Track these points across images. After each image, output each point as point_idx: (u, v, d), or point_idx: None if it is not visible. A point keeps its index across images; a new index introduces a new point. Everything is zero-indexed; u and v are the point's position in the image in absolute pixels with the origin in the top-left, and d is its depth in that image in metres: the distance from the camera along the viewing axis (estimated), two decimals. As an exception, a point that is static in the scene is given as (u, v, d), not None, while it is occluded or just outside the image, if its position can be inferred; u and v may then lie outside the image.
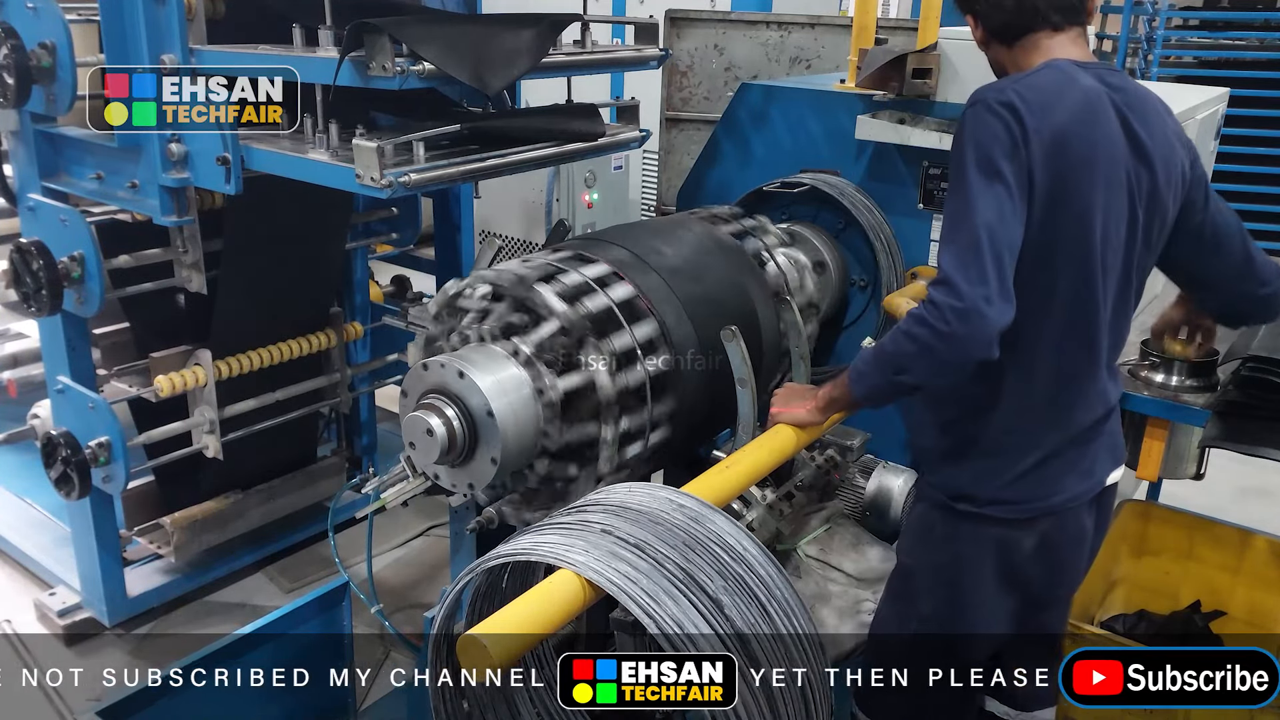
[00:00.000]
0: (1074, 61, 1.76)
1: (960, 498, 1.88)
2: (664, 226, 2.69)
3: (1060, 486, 1.86)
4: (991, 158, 1.64)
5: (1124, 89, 1.77)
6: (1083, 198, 1.69)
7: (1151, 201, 1.79)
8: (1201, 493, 2.99)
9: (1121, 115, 1.74)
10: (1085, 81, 1.73)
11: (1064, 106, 1.68)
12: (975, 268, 1.61)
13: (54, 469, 2.89)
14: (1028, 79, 1.72)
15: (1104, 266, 1.75)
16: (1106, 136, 1.71)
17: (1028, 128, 1.64)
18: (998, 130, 1.65)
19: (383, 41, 2.08)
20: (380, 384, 3.93)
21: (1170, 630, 2.90)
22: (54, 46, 2.51)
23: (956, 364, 1.67)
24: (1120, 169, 1.73)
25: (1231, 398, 2.26)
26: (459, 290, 2.16)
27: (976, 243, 1.61)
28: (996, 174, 1.64)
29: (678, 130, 5.16)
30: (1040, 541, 1.88)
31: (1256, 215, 6.02)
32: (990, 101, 1.67)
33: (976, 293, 1.60)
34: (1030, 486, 1.84)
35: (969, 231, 1.63)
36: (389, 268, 4.77)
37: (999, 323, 1.62)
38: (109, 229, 2.83)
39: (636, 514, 1.62)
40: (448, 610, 1.72)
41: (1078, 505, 1.89)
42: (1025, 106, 1.65)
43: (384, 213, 3.69)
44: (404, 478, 2.15)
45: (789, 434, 2.01)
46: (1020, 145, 1.64)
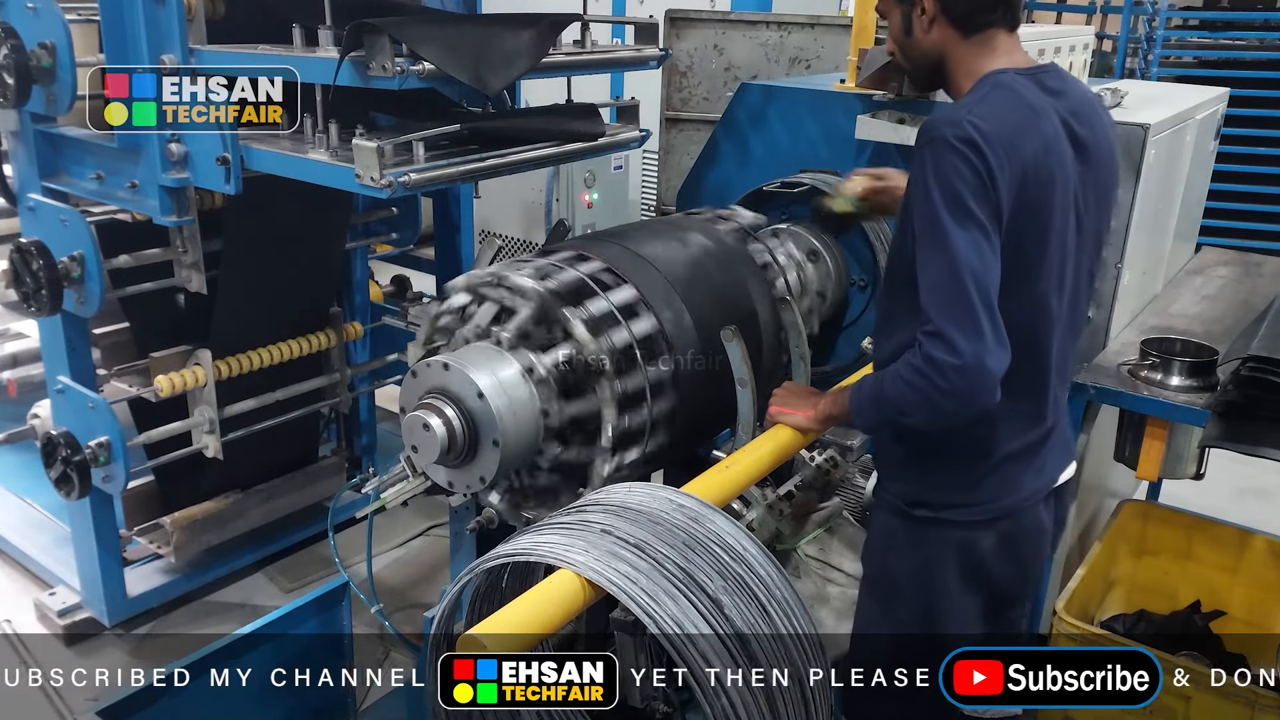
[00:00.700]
0: (1018, 71, 1.73)
1: (919, 504, 1.89)
2: (663, 226, 2.69)
3: (1016, 486, 1.87)
4: (961, 199, 1.61)
5: (1065, 93, 1.76)
6: (1041, 224, 1.69)
7: (1099, 204, 1.81)
8: (1201, 493, 2.99)
9: (1067, 125, 1.73)
10: (1034, 99, 1.70)
11: (1023, 138, 1.65)
12: (969, 320, 1.60)
13: (54, 469, 2.89)
14: (981, 107, 1.66)
15: (1059, 285, 1.77)
16: (1060, 160, 1.70)
17: (992, 165, 1.60)
18: (963, 170, 1.61)
19: (382, 41, 2.08)
20: (380, 384, 3.93)
21: (1170, 630, 2.90)
22: (54, 46, 2.51)
23: (963, 416, 1.69)
24: (1071, 188, 1.73)
25: (1231, 398, 2.26)
26: (440, 311, 2.16)
27: (965, 293, 1.60)
28: (969, 215, 1.61)
29: (677, 130, 5.16)
30: (1000, 541, 1.89)
31: (1256, 215, 6.03)
32: (950, 139, 1.62)
33: (975, 348, 1.60)
34: (987, 489, 1.86)
35: (955, 280, 1.60)
36: (389, 268, 4.77)
37: (999, 371, 1.62)
38: (109, 229, 2.83)
39: (636, 514, 1.63)
40: (448, 610, 1.72)
41: (1034, 503, 1.91)
42: (986, 142, 1.60)
43: (384, 213, 3.70)
44: (404, 477, 2.15)
45: (789, 434, 2.01)
46: (988, 184, 1.61)
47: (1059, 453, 1.95)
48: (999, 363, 1.62)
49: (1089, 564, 2.73)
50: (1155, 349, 2.47)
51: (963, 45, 1.76)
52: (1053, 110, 1.71)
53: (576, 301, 2.08)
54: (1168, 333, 2.66)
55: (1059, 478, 1.96)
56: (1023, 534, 1.92)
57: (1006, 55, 1.76)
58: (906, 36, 1.81)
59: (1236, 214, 5.96)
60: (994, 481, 1.85)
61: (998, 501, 1.86)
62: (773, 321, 2.49)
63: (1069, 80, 1.80)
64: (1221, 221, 5.81)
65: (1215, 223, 5.63)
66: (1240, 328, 2.71)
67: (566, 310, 2.03)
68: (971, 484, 1.85)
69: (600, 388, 2.02)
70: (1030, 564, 1.98)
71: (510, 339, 2.00)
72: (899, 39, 1.83)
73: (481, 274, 2.12)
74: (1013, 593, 2.01)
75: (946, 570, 1.90)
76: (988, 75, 1.73)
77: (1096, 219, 1.82)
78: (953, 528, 1.87)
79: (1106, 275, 2.54)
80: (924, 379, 1.63)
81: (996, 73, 1.73)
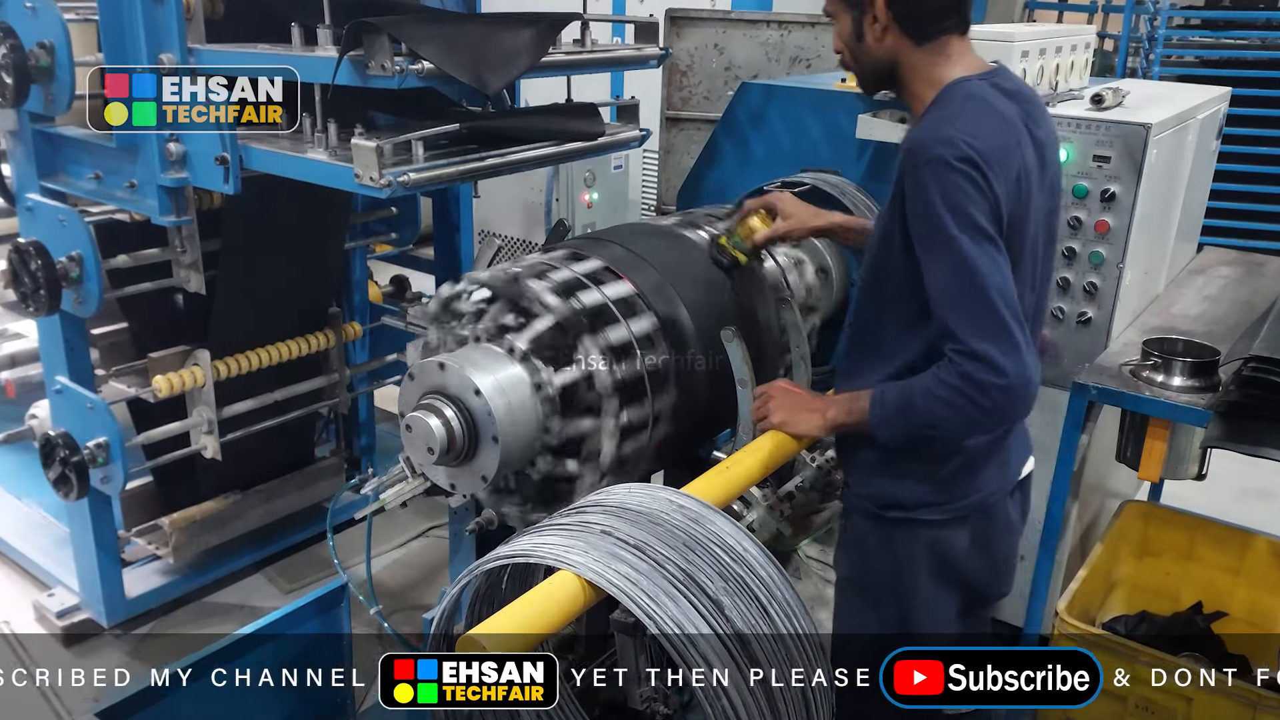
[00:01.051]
0: (980, 78, 1.74)
1: (889, 505, 1.90)
2: (662, 226, 2.68)
3: (981, 483, 1.89)
4: (972, 218, 1.62)
5: (1019, 94, 1.78)
6: (1020, 229, 1.72)
7: (1053, 198, 1.85)
8: (1203, 493, 2.99)
9: (1027, 128, 1.75)
10: (1003, 108, 1.71)
11: (1008, 153, 1.67)
12: (1007, 338, 1.62)
13: (52, 470, 2.89)
14: (965, 122, 1.66)
15: (1032, 284, 1.81)
16: (1029, 167, 1.72)
17: (993, 182, 1.63)
18: (969, 190, 1.62)
19: (382, 41, 2.07)
20: (379, 384, 3.92)
21: (1172, 631, 2.89)
22: (52, 46, 2.51)
23: (1002, 428, 1.77)
24: (1035, 190, 1.75)
25: (1233, 398, 2.26)
26: (453, 294, 2.15)
27: (995, 310, 1.62)
28: (981, 232, 1.63)
29: (678, 130, 5.15)
30: (973, 538, 1.91)
31: (1258, 215, 6.02)
32: (949, 159, 1.62)
33: (1018, 366, 1.63)
34: (954, 486, 1.87)
35: (983, 300, 1.62)
36: (388, 268, 4.76)
37: (1039, 382, 1.68)
38: (107, 229, 2.82)
39: (636, 515, 1.62)
40: (447, 611, 1.71)
41: (1002, 498, 1.93)
42: (984, 160, 1.62)
43: (383, 212, 3.69)
44: (403, 478, 2.14)
45: (789, 436, 2.00)
46: (991, 200, 1.63)
47: (1021, 446, 1.98)
48: (1038, 373, 1.68)
49: (1091, 565, 2.73)
50: (1157, 349, 2.46)
51: (916, 53, 1.75)
52: (1018, 118, 1.73)
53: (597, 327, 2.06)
54: (1169, 333, 2.65)
55: (1022, 470, 2.00)
56: (994, 530, 1.94)
57: (961, 60, 1.76)
58: (858, 42, 1.79)
59: (1238, 214, 5.96)
60: (963, 479, 1.87)
61: (968, 498, 1.88)
62: (773, 321, 2.49)
63: (1017, 80, 1.83)
64: (1223, 221, 5.81)
65: (1217, 223, 5.63)
66: (1242, 328, 2.70)
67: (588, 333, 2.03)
68: (942, 482, 1.87)
69: (604, 413, 2.02)
70: (1001, 561, 2.01)
71: (524, 350, 1.99)
72: (849, 43, 1.81)
73: (502, 274, 2.11)
74: (986, 590, 2.03)
75: (918, 570, 1.91)
76: (954, 84, 1.72)
77: (1052, 214, 1.87)
78: (925, 527, 1.89)
79: (1108, 275, 2.54)
80: (964, 398, 1.65)
81: (962, 81, 1.72)
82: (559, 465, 2.06)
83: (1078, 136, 2.50)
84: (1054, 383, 2.63)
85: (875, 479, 1.92)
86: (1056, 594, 2.62)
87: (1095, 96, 2.57)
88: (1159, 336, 2.57)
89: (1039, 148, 1.76)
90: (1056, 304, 2.61)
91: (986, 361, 1.62)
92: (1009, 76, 1.79)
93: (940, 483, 1.86)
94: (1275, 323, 2.50)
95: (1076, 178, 2.52)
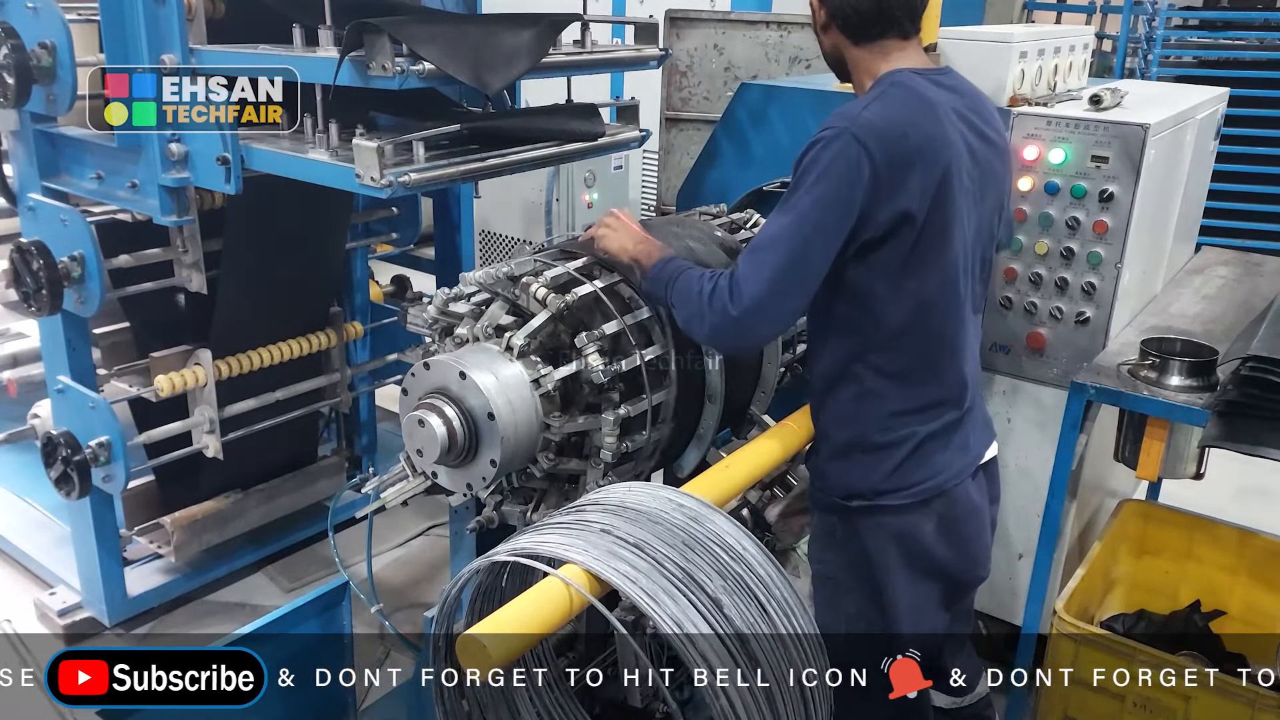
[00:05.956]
0: (915, 71, 1.83)
1: (852, 495, 1.95)
2: (660, 225, 2.69)
3: (942, 465, 1.94)
4: (828, 182, 1.72)
5: (959, 89, 1.88)
6: (943, 208, 1.77)
7: (996, 190, 1.92)
8: (1201, 493, 2.99)
9: (964, 118, 1.83)
10: (929, 93, 1.80)
11: (914, 129, 1.75)
12: (766, 285, 1.74)
13: (54, 469, 2.89)
14: (876, 104, 1.77)
15: (968, 268, 1.88)
16: (954, 147, 1.79)
17: (877, 159, 1.71)
18: (842, 160, 1.71)
19: (382, 41, 2.08)
20: (380, 384, 3.93)
21: (1170, 630, 2.90)
22: (54, 46, 2.51)
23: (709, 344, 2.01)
24: (967, 174, 1.82)
25: (1231, 397, 2.26)
26: (451, 295, 2.16)
27: (776, 262, 1.74)
28: (823, 204, 1.72)
29: (678, 130, 5.15)
30: (939, 522, 1.95)
31: (1256, 215, 6.02)
32: (840, 129, 1.72)
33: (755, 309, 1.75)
34: (913, 471, 1.92)
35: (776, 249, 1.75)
36: (389, 267, 4.77)
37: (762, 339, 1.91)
38: (109, 229, 2.83)
39: (636, 513, 1.63)
40: (447, 610, 1.72)
41: (963, 480, 1.97)
42: (877, 136, 1.71)
43: (384, 212, 3.69)
44: (404, 477, 2.15)
45: (789, 435, 2.02)
46: (866, 176, 1.71)
47: (981, 430, 2.04)
48: (769, 331, 1.84)
49: (1089, 564, 2.73)
50: (1155, 349, 2.46)
51: (856, 50, 1.89)
52: (948, 104, 1.82)
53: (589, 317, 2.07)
54: (1167, 332, 2.65)
55: (984, 454, 2.04)
56: (959, 513, 1.98)
57: (901, 57, 1.86)
58: (821, 33, 1.94)
59: (1236, 214, 5.95)
60: (916, 465, 1.92)
61: (926, 483, 1.93)
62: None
63: (961, 80, 1.92)
64: (1221, 221, 5.80)
65: (1215, 222, 5.63)
66: (1240, 327, 2.71)
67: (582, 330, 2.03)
68: (898, 468, 1.91)
69: (605, 409, 2.03)
70: (972, 544, 2.04)
71: (521, 346, 2.00)
72: (816, 33, 1.95)
73: (496, 273, 2.12)
74: (961, 576, 2.06)
75: (888, 559, 1.95)
76: (886, 74, 1.84)
77: (994, 205, 1.94)
78: (889, 514, 1.93)
79: (1106, 275, 2.54)
80: (703, 301, 1.81)
81: (894, 72, 1.83)
82: (560, 463, 2.07)
83: (1076, 137, 2.51)
84: (1052, 382, 2.64)
85: (831, 467, 1.98)
86: (1055, 593, 2.62)
87: (1093, 97, 2.57)
88: (1157, 336, 2.57)
89: (982, 138, 1.86)
90: (1055, 303, 2.61)
91: (736, 290, 1.75)
92: (953, 76, 1.91)
93: (895, 470, 1.91)
94: (1273, 322, 2.50)
95: (1075, 178, 2.52)
